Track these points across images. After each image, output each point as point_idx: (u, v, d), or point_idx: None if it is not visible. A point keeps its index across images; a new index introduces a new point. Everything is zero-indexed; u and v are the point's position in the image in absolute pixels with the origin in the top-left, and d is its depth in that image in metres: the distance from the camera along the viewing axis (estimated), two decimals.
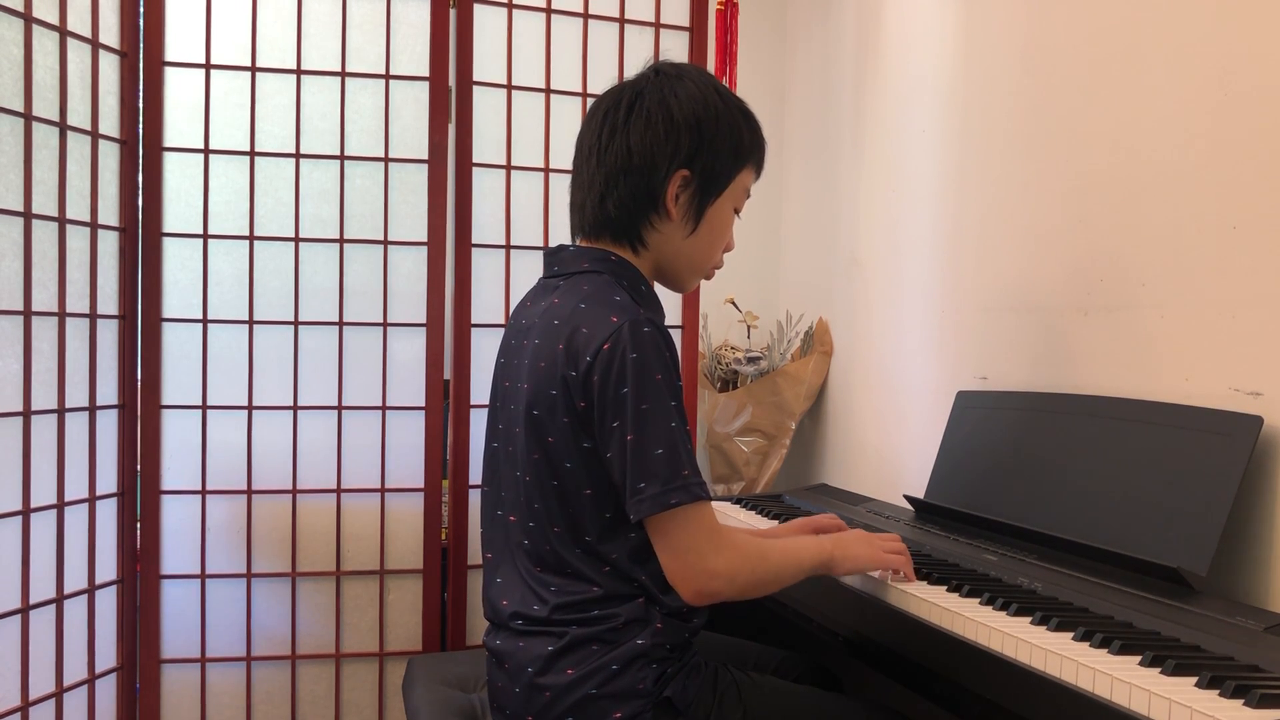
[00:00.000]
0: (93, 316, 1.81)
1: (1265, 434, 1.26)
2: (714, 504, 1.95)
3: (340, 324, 2.00)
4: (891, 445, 2.19)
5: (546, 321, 1.22)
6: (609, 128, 1.25)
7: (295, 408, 1.98)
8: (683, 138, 1.22)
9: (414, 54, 2.02)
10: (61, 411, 1.74)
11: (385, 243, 2.01)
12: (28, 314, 1.66)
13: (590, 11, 2.11)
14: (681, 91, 1.23)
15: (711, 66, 2.26)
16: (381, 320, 2.02)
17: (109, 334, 1.86)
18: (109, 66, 1.85)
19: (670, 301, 2.15)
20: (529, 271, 2.06)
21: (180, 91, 1.93)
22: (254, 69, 1.95)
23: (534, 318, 1.25)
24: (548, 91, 2.09)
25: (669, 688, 1.21)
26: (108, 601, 1.87)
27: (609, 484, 1.18)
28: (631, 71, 1.30)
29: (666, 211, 1.24)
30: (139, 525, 1.93)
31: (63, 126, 1.73)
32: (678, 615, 1.24)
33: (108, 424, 1.87)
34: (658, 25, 2.15)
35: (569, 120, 2.10)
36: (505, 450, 1.28)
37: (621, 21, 2.13)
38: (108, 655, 1.88)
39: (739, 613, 1.56)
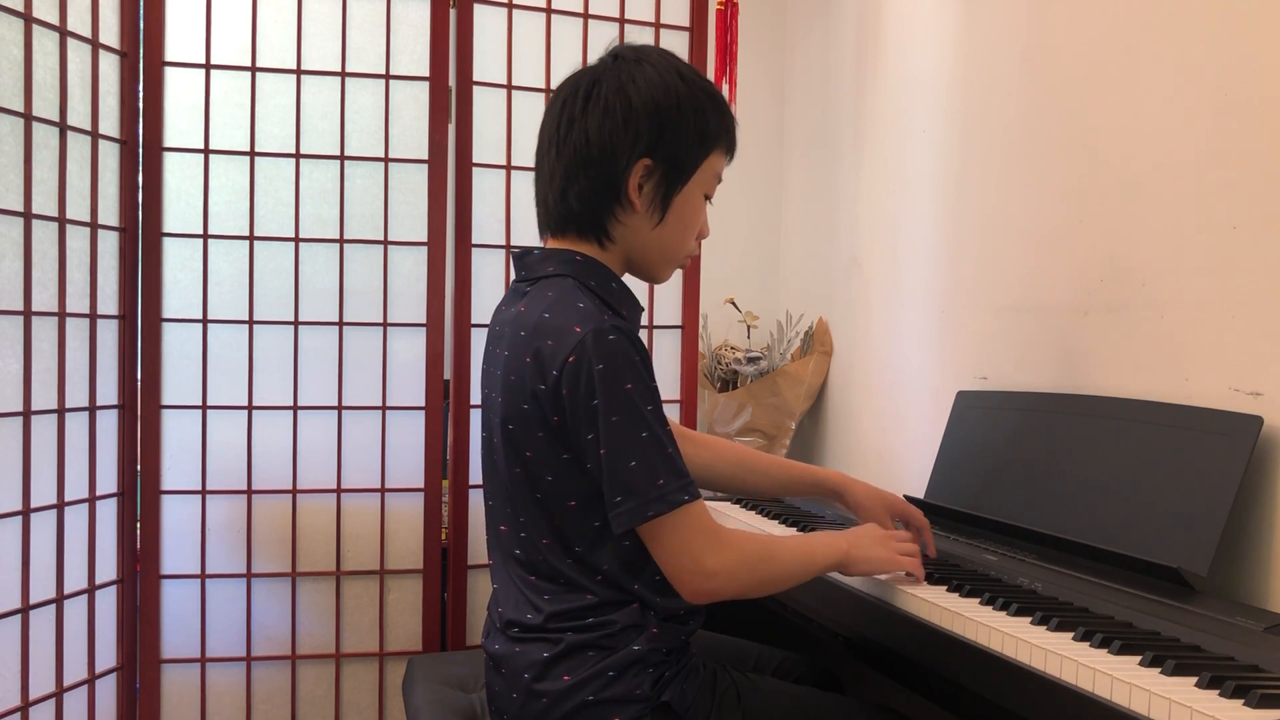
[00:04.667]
0: (93, 316, 1.81)
1: (1265, 434, 1.26)
2: (714, 504, 1.96)
3: (340, 324, 2.00)
4: (891, 445, 2.19)
5: (514, 332, 1.19)
6: (567, 118, 1.19)
7: (295, 408, 1.98)
8: (642, 126, 1.16)
9: (414, 54, 2.02)
10: (61, 411, 1.74)
11: (385, 243, 2.01)
12: (28, 314, 1.66)
13: (590, 11, 2.11)
14: (640, 77, 1.17)
15: (712, 66, 2.26)
16: (381, 320, 2.02)
17: (109, 334, 1.86)
18: (109, 66, 1.84)
19: (669, 302, 2.15)
20: None
21: (180, 91, 1.92)
22: (254, 69, 1.95)
23: (504, 324, 1.23)
24: (548, 92, 2.09)
25: (667, 692, 1.20)
26: (108, 601, 1.87)
27: (593, 493, 1.15)
28: None
29: (630, 203, 1.19)
30: (139, 525, 1.93)
31: (63, 126, 1.73)
32: (674, 619, 1.23)
33: (108, 424, 1.87)
34: (658, 25, 2.15)
35: None
36: (492, 460, 1.26)
37: (621, 21, 2.13)
38: (108, 655, 1.88)
39: (739, 613, 1.56)
